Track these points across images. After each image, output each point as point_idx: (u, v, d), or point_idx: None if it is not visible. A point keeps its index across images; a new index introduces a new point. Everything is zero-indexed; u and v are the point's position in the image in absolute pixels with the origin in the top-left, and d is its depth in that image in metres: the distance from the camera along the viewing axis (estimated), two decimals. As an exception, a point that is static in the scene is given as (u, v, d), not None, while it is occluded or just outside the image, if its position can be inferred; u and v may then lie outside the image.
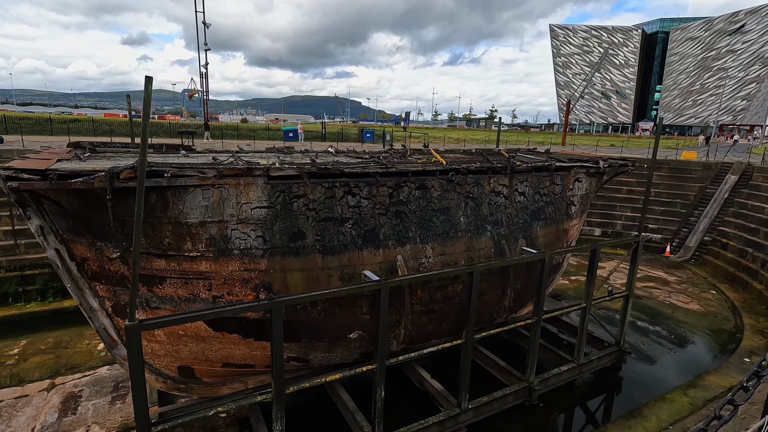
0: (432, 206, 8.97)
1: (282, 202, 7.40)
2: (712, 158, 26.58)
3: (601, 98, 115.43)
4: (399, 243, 8.51)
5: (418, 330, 8.94)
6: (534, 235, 10.67)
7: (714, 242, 22.26)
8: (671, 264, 22.38)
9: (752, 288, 18.00)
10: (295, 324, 7.87)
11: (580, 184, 11.69)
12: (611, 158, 13.63)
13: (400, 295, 8.31)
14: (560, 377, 10.98)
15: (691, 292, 18.55)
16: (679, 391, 11.03)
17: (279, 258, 7.48)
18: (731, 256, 20.66)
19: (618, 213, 25.81)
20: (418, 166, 8.86)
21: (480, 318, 9.96)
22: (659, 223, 24.86)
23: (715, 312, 16.66)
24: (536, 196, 10.70)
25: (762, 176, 22.91)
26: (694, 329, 15.16)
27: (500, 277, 9.80)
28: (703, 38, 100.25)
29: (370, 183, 8.19)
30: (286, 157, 9.41)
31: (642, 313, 16.29)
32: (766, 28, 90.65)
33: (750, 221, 21.26)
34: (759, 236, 20.09)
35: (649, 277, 20.43)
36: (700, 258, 22.32)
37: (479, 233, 9.62)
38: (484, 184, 9.73)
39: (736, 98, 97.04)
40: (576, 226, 12.26)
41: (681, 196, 25.26)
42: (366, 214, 8.19)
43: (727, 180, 24.45)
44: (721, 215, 23.14)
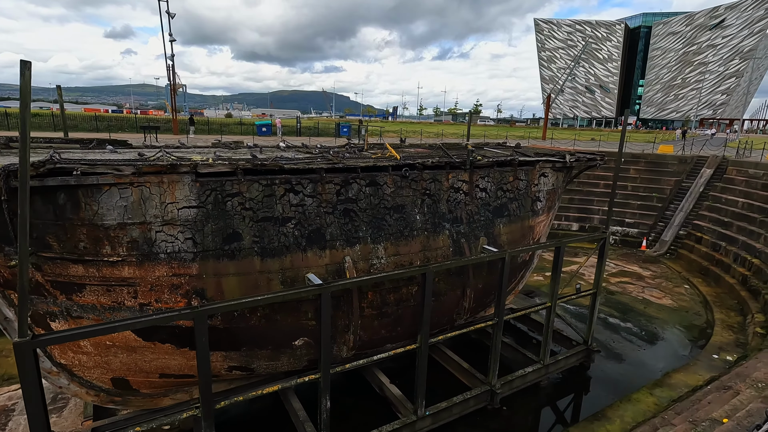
0: (385, 204, 8.48)
1: (214, 202, 6.83)
2: (688, 152, 26.57)
3: (585, 93, 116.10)
4: (348, 243, 8.01)
5: (371, 335, 8.47)
6: (497, 232, 10.27)
7: (689, 236, 22.23)
8: (647, 258, 22.30)
9: (724, 282, 17.95)
10: (233, 332, 7.34)
11: (546, 179, 11.31)
12: (579, 152, 13.30)
13: (348, 298, 7.83)
14: (525, 379, 10.64)
15: (664, 287, 18.44)
16: (646, 391, 10.77)
17: (212, 262, 6.93)
18: (705, 250, 20.63)
19: (595, 207, 25.68)
20: (369, 161, 8.36)
21: (439, 320, 9.54)
22: (636, 218, 24.78)
23: (687, 307, 16.55)
24: (499, 192, 10.29)
25: (736, 170, 22.92)
26: (665, 325, 15.00)
27: (459, 277, 9.38)
28: (684, 33, 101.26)
29: (315, 180, 7.67)
30: (227, 153, 8.83)
31: (615, 309, 16.09)
32: (745, 23, 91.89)
33: (724, 215, 21.25)
34: (732, 230, 20.07)
35: (624, 272, 20.30)
36: (676, 252, 22.28)
37: (437, 231, 9.18)
38: (442, 179, 9.27)
39: (716, 93, 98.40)
40: (543, 222, 11.90)
41: (657, 190, 25.21)
42: (310, 213, 7.67)
43: (703, 174, 24.45)
44: (696, 209, 23.13)
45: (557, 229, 25.55)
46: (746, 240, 18.73)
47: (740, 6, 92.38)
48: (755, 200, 20.21)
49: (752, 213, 19.77)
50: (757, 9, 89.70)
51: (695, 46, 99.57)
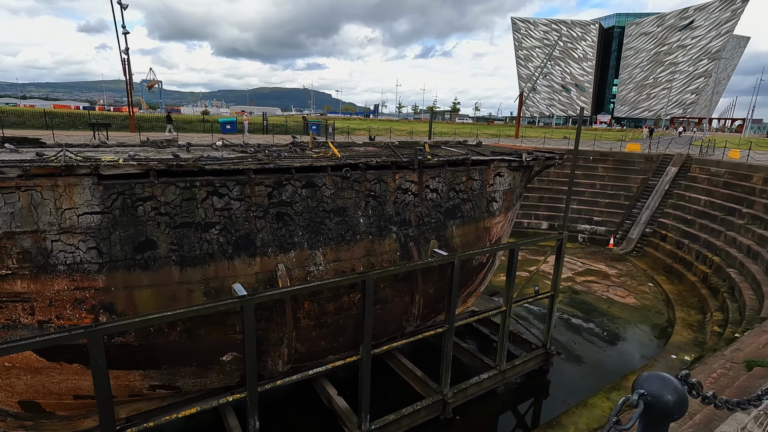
0: (324, 206, 7.94)
1: (122, 207, 6.18)
2: (654, 150, 26.85)
3: (561, 91, 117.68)
4: (281, 250, 7.45)
5: (310, 347, 7.93)
6: (449, 235, 9.85)
7: (654, 234, 22.39)
8: (614, 256, 22.37)
9: (687, 280, 18.04)
10: (151, 349, 6.70)
11: (502, 178, 10.96)
12: (540, 151, 13.03)
13: (281, 309, 7.27)
14: (480, 386, 10.28)
15: (629, 286, 18.44)
16: (602, 395, 10.55)
17: (122, 273, 6.27)
18: (669, 248, 20.78)
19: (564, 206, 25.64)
20: (306, 161, 7.81)
21: (386, 328, 9.07)
22: (604, 216, 24.88)
23: (650, 306, 16.54)
24: (451, 192, 9.87)
25: (699, 168, 23.19)
26: (627, 325, 14.91)
27: (407, 282, 8.92)
28: (655, 33, 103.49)
29: (242, 182, 7.07)
30: (149, 152, 8.14)
31: (579, 309, 15.94)
32: (713, 24, 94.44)
33: (687, 213, 21.45)
34: (695, 228, 20.25)
35: (591, 270, 20.27)
36: (642, 250, 22.41)
37: (382, 235, 8.69)
38: (388, 180, 8.79)
39: (686, 92, 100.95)
40: (500, 223, 11.56)
41: (624, 188, 25.37)
42: (238, 218, 7.07)
43: (668, 172, 24.69)
44: (661, 207, 23.32)
45: (527, 228, 25.48)
46: (708, 238, 18.88)
47: (708, 7, 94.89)
48: (716, 198, 20.44)
49: (713, 211, 19.98)
50: (724, 11, 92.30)
51: (666, 46, 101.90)
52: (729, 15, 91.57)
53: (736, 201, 19.28)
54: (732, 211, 18.93)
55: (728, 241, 17.61)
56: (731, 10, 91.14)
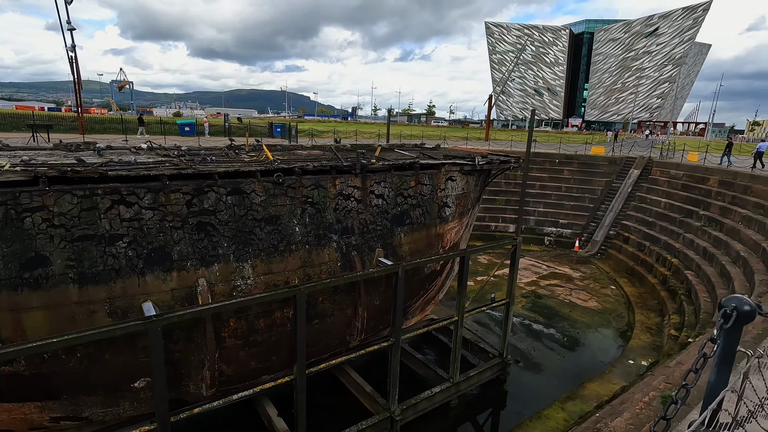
0: (253, 215, 7.34)
1: (3, 219, 5.43)
2: (618, 153, 27.24)
3: (534, 95, 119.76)
4: (203, 263, 6.80)
5: (237, 368, 7.30)
6: (397, 242, 9.37)
7: (618, 236, 22.56)
8: (578, 259, 22.42)
9: (647, 282, 18.13)
10: (46, 378, 5.95)
11: (455, 183, 10.57)
12: (495, 154, 12.74)
13: (201, 329, 6.62)
14: (432, 400, 9.82)
15: (591, 289, 18.41)
16: (557, 406, 10.25)
17: (6, 294, 5.52)
18: (631, 250, 20.93)
19: (531, 209, 25.66)
20: (231, 166, 7.19)
21: (327, 344, 8.51)
22: (569, 218, 24.97)
23: (611, 309, 16.50)
24: (399, 198, 9.40)
25: (659, 170, 23.54)
26: (588, 329, 14.78)
27: (349, 294, 8.39)
28: (623, 39, 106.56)
29: (155, 189, 6.40)
30: (53, 157, 7.36)
31: (540, 314, 15.74)
32: (676, 32, 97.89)
33: (648, 215, 21.68)
34: (655, 230, 20.45)
35: (555, 273, 20.20)
36: (606, 252, 22.54)
37: (321, 244, 8.14)
38: (328, 186, 8.24)
39: (651, 97, 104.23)
40: (455, 229, 11.17)
41: (589, 190, 25.56)
42: (151, 229, 6.40)
43: (631, 174, 24.99)
44: (624, 209, 23.55)
45: (494, 231, 25.36)
46: (667, 240, 19.07)
47: (672, 15, 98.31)
48: (675, 200, 20.72)
49: (673, 213, 20.23)
50: (687, 19, 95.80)
51: (633, 52, 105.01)
52: (691, 23, 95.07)
53: (693, 203, 19.56)
54: (690, 213, 19.18)
55: (686, 243, 17.79)
56: (693, 18, 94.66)
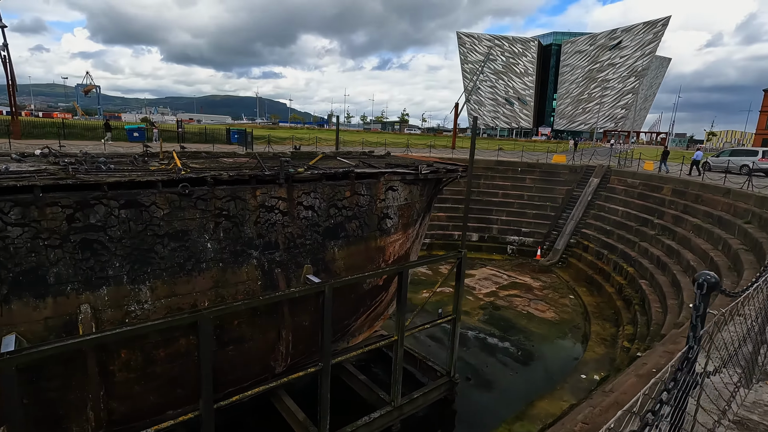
0: (154, 230, 6.53)
1: None
2: (578, 162, 27.48)
3: (505, 104, 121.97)
4: (87, 286, 5.95)
5: (133, 404, 6.42)
6: (330, 257, 8.70)
7: (578, 245, 22.55)
8: (540, 268, 22.27)
9: (605, 291, 18.04)
10: None
11: (396, 193, 10.00)
12: (444, 163, 12.28)
13: (82, 363, 5.76)
14: (371, 427, 9.13)
15: (550, 299, 18.17)
16: (505, 427, 9.74)
17: None
18: (591, 259, 20.91)
19: (494, 217, 25.49)
20: (125, 176, 6.38)
21: (246, 372, 7.72)
22: (531, 227, 24.89)
23: (568, 319, 16.26)
24: (332, 209, 8.75)
25: (617, 179, 23.78)
26: (543, 342, 14.43)
27: (270, 316, 7.64)
28: (588, 52, 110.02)
29: (26, 202, 5.54)
30: None
31: (496, 327, 15.32)
32: (638, 45, 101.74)
33: (606, 223, 21.76)
34: (613, 238, 20.50)
35: (516, 283, 19.93)
36: (566, 261, 22.48)
37: (239, 262, 7.38)
38: (247, 197, 7.52)
39: (616, 107, 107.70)
40: (399, 241, 10.58)
41: (551, 198, 25.59)
42: (19, 249, 5.52)
43: (591, 183, 25.17)
44: (584, 218, 23.62)
45: (457, 240, 24.95)
46: (624, 248, 19.09)
47: (634, 30, 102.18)
48: (632, 209, 20.86)
49: (629, 221, 20.33)
50: (648, 33, 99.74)
51: (598, 64, 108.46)
52: (651, 37, 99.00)
53: (648, 212, 19.71)
54: (645, 222, 19.29)
55: (641, 252, 17.81)
56: (653, 33, 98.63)
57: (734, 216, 14.38)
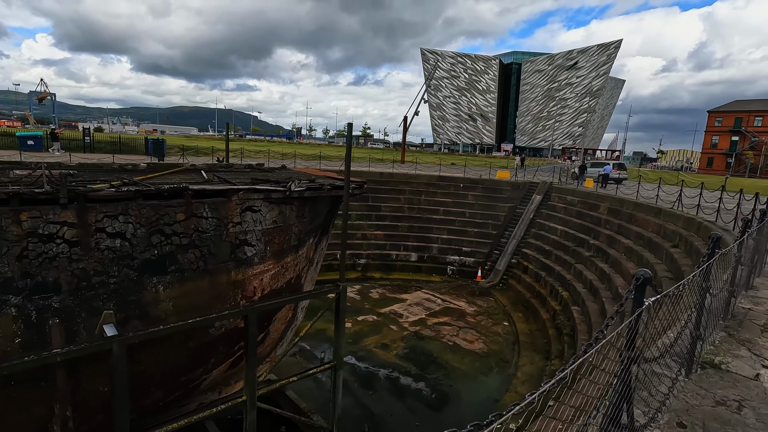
0: None
1: None
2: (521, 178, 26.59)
3: (468, 120, 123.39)
4: None
5: None
6: (150, 299, 6.75)
7: (518, 265, 21.37)
8: (479, 290, 20.89)
9: (540, 318, 16.74)
10: None
11: (258, 214, 8.20)
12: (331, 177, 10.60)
13: None
14: None
15: (482, 327, 16.69)
16: (388, 503, 7.94)
17: None
18: (529, 281, 19.70)
19: (434, 236, 24.08)
20: None
21: (-6, 465, 5.60)
22: (473, 246, 23.60)
23: (497, 351, 14.77)
24: (155, 236, 6.83)
25: (558, 196, 22.92)
26: (464, 380, 12.82)
27: (37, 385, 5.61)
28: (547, 71, 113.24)
29: None
30: None
31: (415, 363, 13.60)
32: (593, 66, 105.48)
33: (546, 243, 20.70)
34: (551, 259, 19.39)
35: (449, 309, 18.38)
36: (506, 282, 21.22)
37: (-18, 313, 5.34)
38: (4, 223, 5.52)
39: (574, 125, 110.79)
40: (269, 272, 8.75)
41: (493, 216, 24.46)
42: None
43: (533, 200, 24.23)
44: (526, 236, 22.54)
45: (395, 261, 23.38)
46: (561, 271, 17.95)
47: (589, 51, 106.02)
48: (570, 228, 19.89)
49: (567, 241, 19.31)
50: (601, 55, 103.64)
51: (556, 83, 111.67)
52: (605, 59, 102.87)
53: (585, 231, 18.74)
54: (582, 242, 18.27)
55: (576, 275, 16.68)
56: (606, 54, 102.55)
57: (663, 238, 13.40)
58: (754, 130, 71.29)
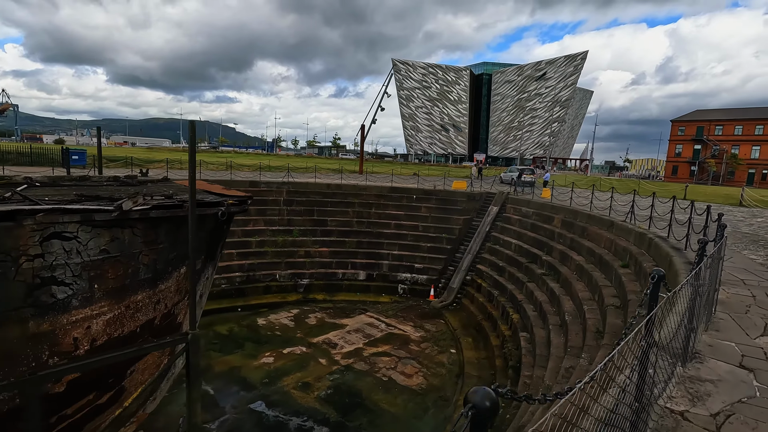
0: None
1: None
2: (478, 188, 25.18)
3: (440, 131, 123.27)
4: None
5: None
6: None
7: (473, 283, 19.73)
8: (430, 312, 19.12)
9: (490, 344, 15.04)
10: None
11: (74, 242, 6.18)
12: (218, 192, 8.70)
13: None
14: None
15: (426, 356, 14.86)
16: None
17: None
18: (482, 300, 18.05)
19: (385, 252, 22.26)
20: None
21: None
22: (426, 262, 21.89)
23: (437, 386, 12.94)
24: None
25: (513, 207, 21.52)
26: (393, 426, 10.91)
27: None
28: (517, 82, 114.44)
29: None
30: None
31: (337, 406, 11.61)
32: (561, 76, 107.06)
33: (500, 258, 19.15)
34: (505, 277, 17.82)
35: (392, 335, 16.49)
36: (460, 302, 19.53)
37: None
38: None
39: (544, 135, 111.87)
40: (102, 316, 6.69)
41: (447, 230, 22.85)
42: None
43: (490, 211, 22.77)
44: (481, 251, 20.97)
45: (342, 280, 21.42)
46: (513, 290, 16.37)
47: (556, 62, 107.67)
48: (525, 242, 18.41)
49: (521, 257, 17.79)
50: (569, 66, 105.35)
51: (526, 93, 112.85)
52: (572, 70, 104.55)
53: (539, 246, 17.27)
54: (534, 258, 16.77)
55: (528, 295, 15.11)
56: (573, 65, 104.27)
57: (614, 256, 11.96)
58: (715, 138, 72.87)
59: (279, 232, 21.79)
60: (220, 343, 15.01)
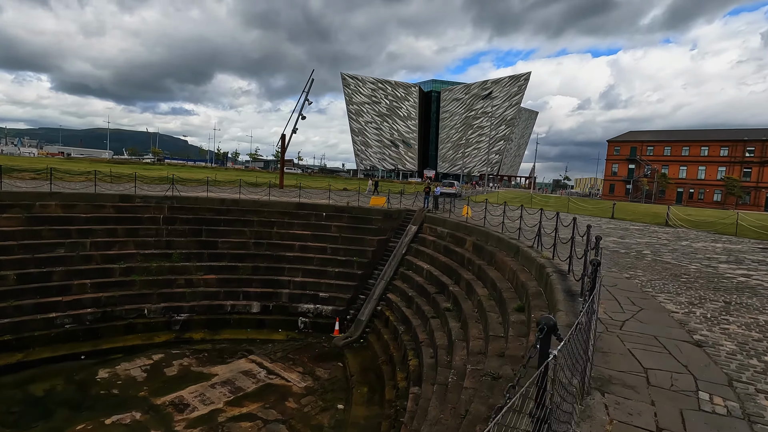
0: None
1: None
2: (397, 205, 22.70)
3: (390, 146, 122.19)
4: None
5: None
6: None
7: (381, 315, 16.93)
8: (329, 352, 16.05)
9: (384, 398, 12.17)
10: None
11: None
12: None
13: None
14: None
15: (303, 417, 11.72)
16: None
17: None
18: (387, 338, 15.25)
19: (285, 278, 19.06)
20: None
21: None
22: (333, 290, 18.89)
23: (302, 465, 9.83)
24: None
25: (429, 227, 19.12)
26: None
27: None
28: (464, 100, 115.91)
29: None
30: None
31: None
32: (506, 96, 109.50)
33: (411, 287, 16.53)
34: (412, 309, 15.16)
35: (268, 388, 13.23)
36: (367, 338, 16.64)
37: None
38: None
39: (491, 152, 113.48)
40: None
41: (359, 252, 20.03)
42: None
43: (408, 231, 20.25)
44: (395, 278, 18.29)
45: (230, 313, 17.93)
46: (417, 326, 13.69)
47: (502, 82, 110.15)
48: (436, 268, 15.91)
49: (431, 285, 15.24)
50: (513, 86, 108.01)
51: (474, 111, 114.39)
52: (516, 90, 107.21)
53: (449, 273, 14.81)
54: (443, 288, 14.24)
55: (429, 335, 12.46)
56: (518, 86, 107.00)
57: (515, 292, 9.59)
58: (647, 159, 75.89)
59: (154, 256, 18.03)
60: (19, 413, 11.13)
